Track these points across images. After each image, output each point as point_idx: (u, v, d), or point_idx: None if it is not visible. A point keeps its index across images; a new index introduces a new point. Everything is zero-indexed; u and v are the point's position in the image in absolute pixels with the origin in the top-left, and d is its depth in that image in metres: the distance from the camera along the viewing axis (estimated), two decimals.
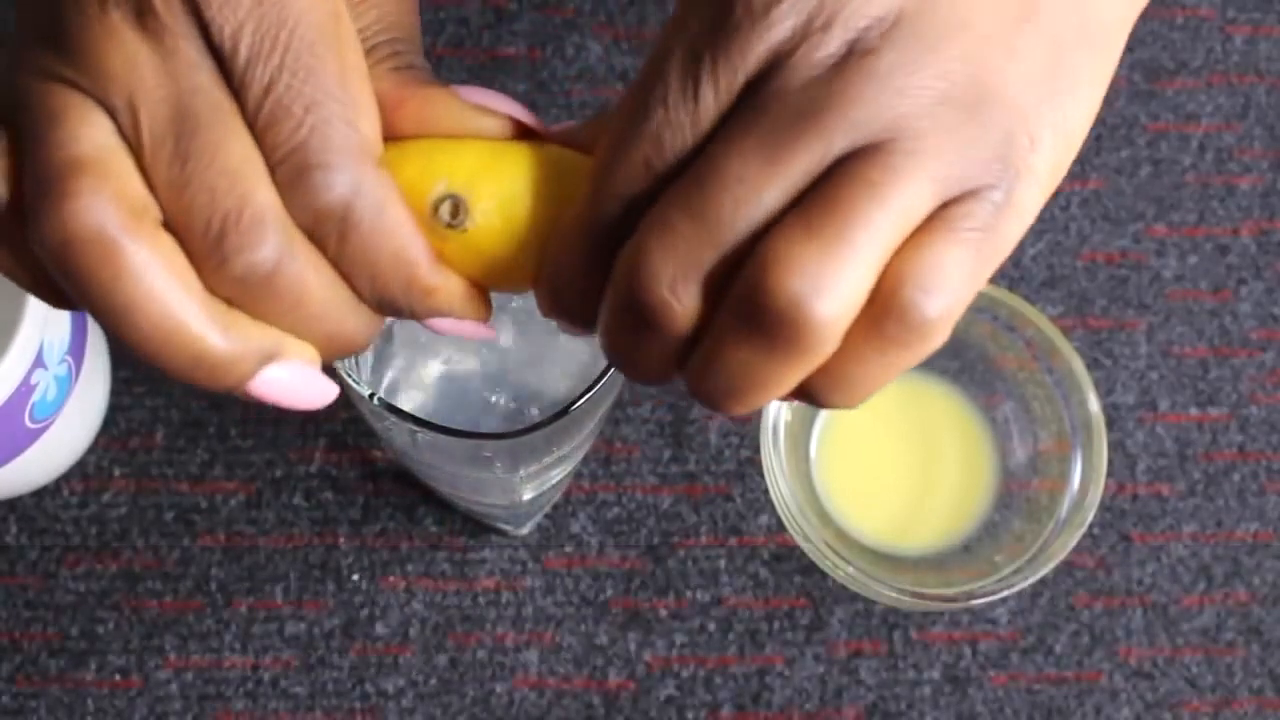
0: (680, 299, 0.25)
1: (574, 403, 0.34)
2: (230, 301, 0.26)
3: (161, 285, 0.25)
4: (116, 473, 0.52)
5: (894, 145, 0.24)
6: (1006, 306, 0.51)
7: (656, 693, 0.51)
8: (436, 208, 0.27)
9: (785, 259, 0.24)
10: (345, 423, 0.53)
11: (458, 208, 0.27)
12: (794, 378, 0.25)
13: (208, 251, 0.25)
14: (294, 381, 0.28)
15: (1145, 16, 0.59)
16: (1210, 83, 0.59)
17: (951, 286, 0.25)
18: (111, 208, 0.25)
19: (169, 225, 0.25)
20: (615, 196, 0.26)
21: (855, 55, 0.24)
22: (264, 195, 0.25)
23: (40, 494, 0.52)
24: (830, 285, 0.24)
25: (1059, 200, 0.57)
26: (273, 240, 0.25)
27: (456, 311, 0.28)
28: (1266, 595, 0.53)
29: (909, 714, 0.51)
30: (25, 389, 0.44)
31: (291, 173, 0.25)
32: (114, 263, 0.25)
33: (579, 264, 0.27)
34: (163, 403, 0.53)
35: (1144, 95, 0.58)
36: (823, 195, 0.24)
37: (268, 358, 0.27)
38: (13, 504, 0.52)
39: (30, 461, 0.48)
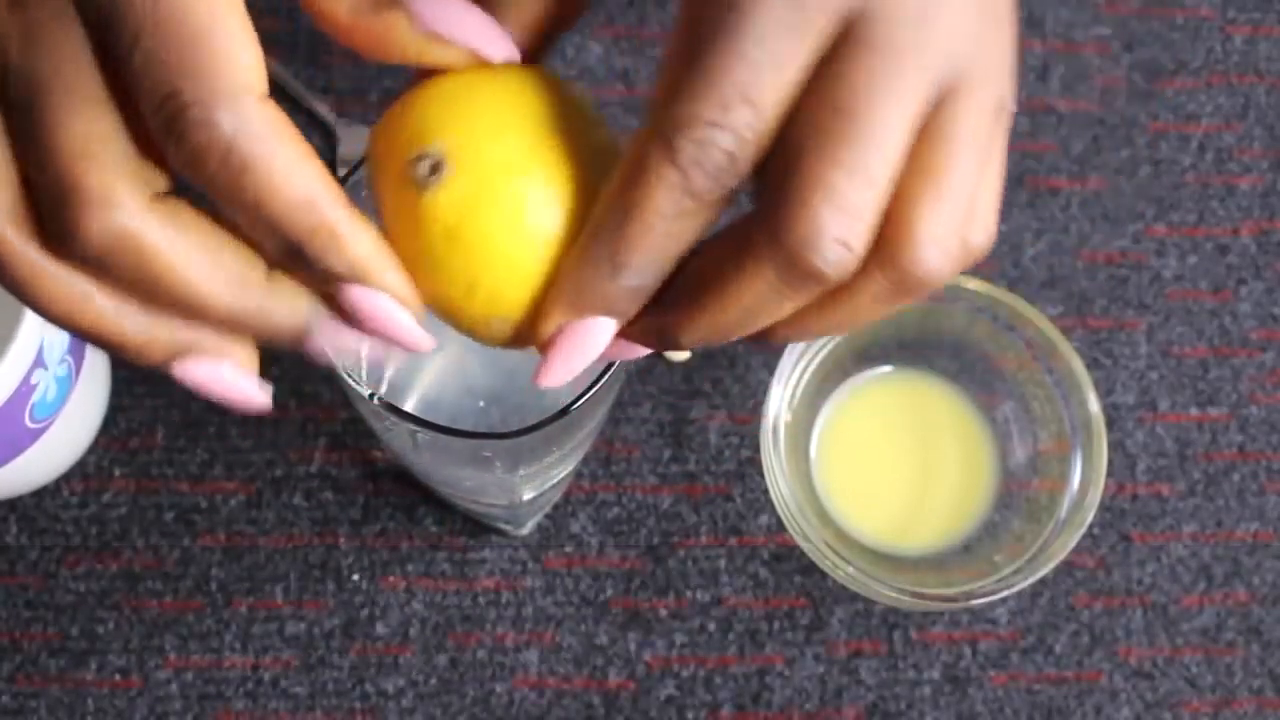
0: (854, 250, 0.25)
1: (574, 403, 0.34)
2: (97, 282, 0.25)
3: (61, 283, 0.25)
4: (116, 473, 0.52)
5: (969, 75, 0.25)
6: (1006, 306, 0.51)
7: (656, 693, 0.51)
8: (414, 177, 0.26)
9: (930, 235, 0.25)
10: (345, 423, 0.53)
11: (435, 164, 0.26)
12: (792, 306, 0.26)
13: (56, 234, 0.25)
14: (210, 381, 0.28)
15: (1145, 16, 0.59)
16: (1210, 83, 0.59)
17: (963, 223, 0.26)
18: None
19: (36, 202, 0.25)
20: (711, 187, 0.25)
21: None
22: (99, 173, 0.24)
23: (40, 494, 0.52)
24: (957, 248, 0.25)
25: (1059, 200, 0.57)
26: (101, 221, 0.24)
27: (373, 276, 0.26)
28: (1266, 595, 0.53)
29: (909, 714, 0.51)
30: (25, 389, 0.44)
31: (167, 121, 0.24)
32: (9, 273, 0.25)
33: (673, 236, 0.26)
34: (163, 403, 0.53)
35: (1144, 95, 0.58)
36: (938, 147, 0.25)
37: (176, 354, 0.27)
38: (13, 504, 0.52)
39: (30, 461, 0.48)
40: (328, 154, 0.56)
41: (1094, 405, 0.50)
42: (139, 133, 0.25)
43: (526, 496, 0.44)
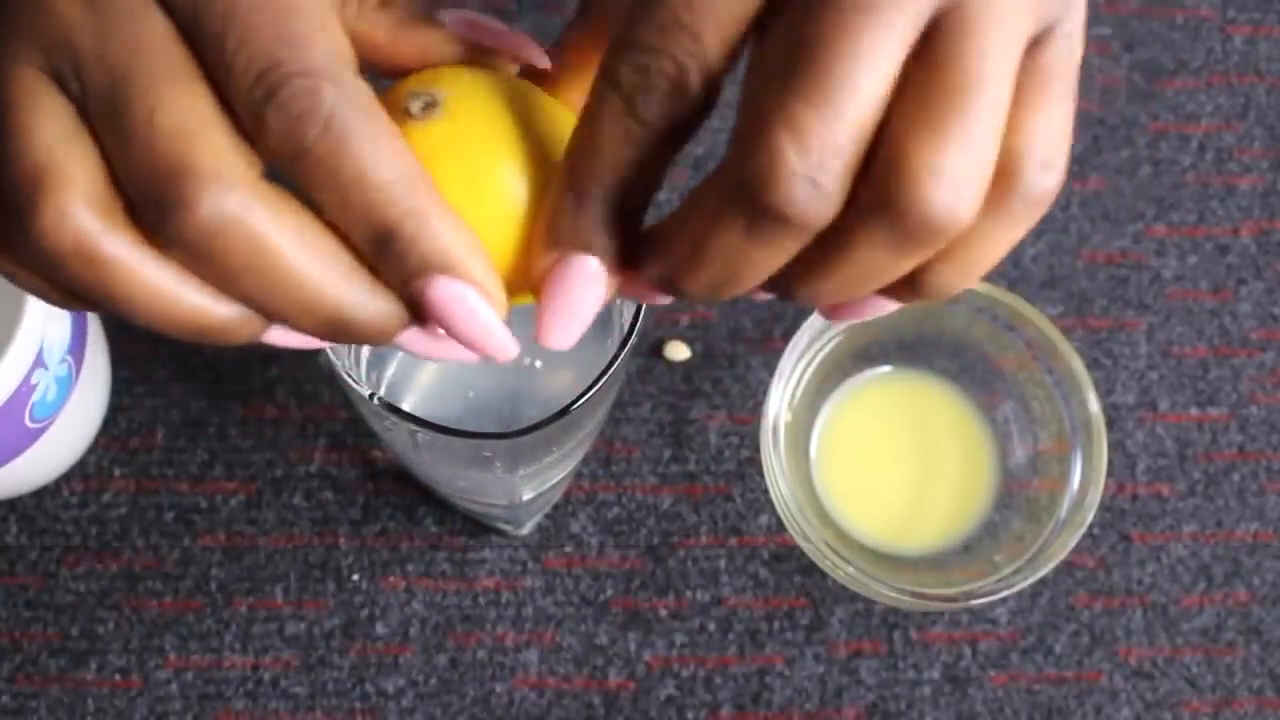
0: (823, 193, 0.23)
1: (574, 403, 0.34)
2: (190, 269, 0.24)
3: (152, 275, 0.24)
4: (116, 473, 0.52)
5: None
6: (1006, 306, 0.51)
7: (656, 693, 0.51)
8: (408, 108, 0.26)
9: (921, 165, 0.23)
10: (345, 423, 0.53)
11: (429, 103, 0.26)
12: (913, 265, 0.25)
13: (152, 218, 0.24)
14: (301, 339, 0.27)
15: (1145, 16, 0.59)
16: (1210, 83, 0.59)
17: (1064, 147, 0.24)
18: (81, 214, 0.23)
19: (125, 193, 0.24)
20: (667, 114, 0.24)
21: None
22: (207, 151, 0.23)
23: (40, 494, 0.52)
24: (969, 183, 0.23)
25: (1059, 200, 0.57)
26: (214, 199, 0.23)
27: (463, 267, 0.25)
28: (1266, 595, 0.53)
29: (909, 714, 0.51)
30: (25, 389, 0.44)
31: (267, 92, 0.23)
32: (98, 268, 0.24)
33: (628, 164, 0.25)
34: (163, 403, 0.53)
35: (1144, 95, 0.58)
36: (931, 72, 0.23)
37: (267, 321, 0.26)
38: (13, 504, 0.52)
39: (30, 461, 0.48)
40: None
41: (1094, 405, 0.50)
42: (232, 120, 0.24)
43: (526, 496, 0.44)
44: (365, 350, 0.42)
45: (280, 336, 0.27)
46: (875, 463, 0.53)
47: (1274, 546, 0.53)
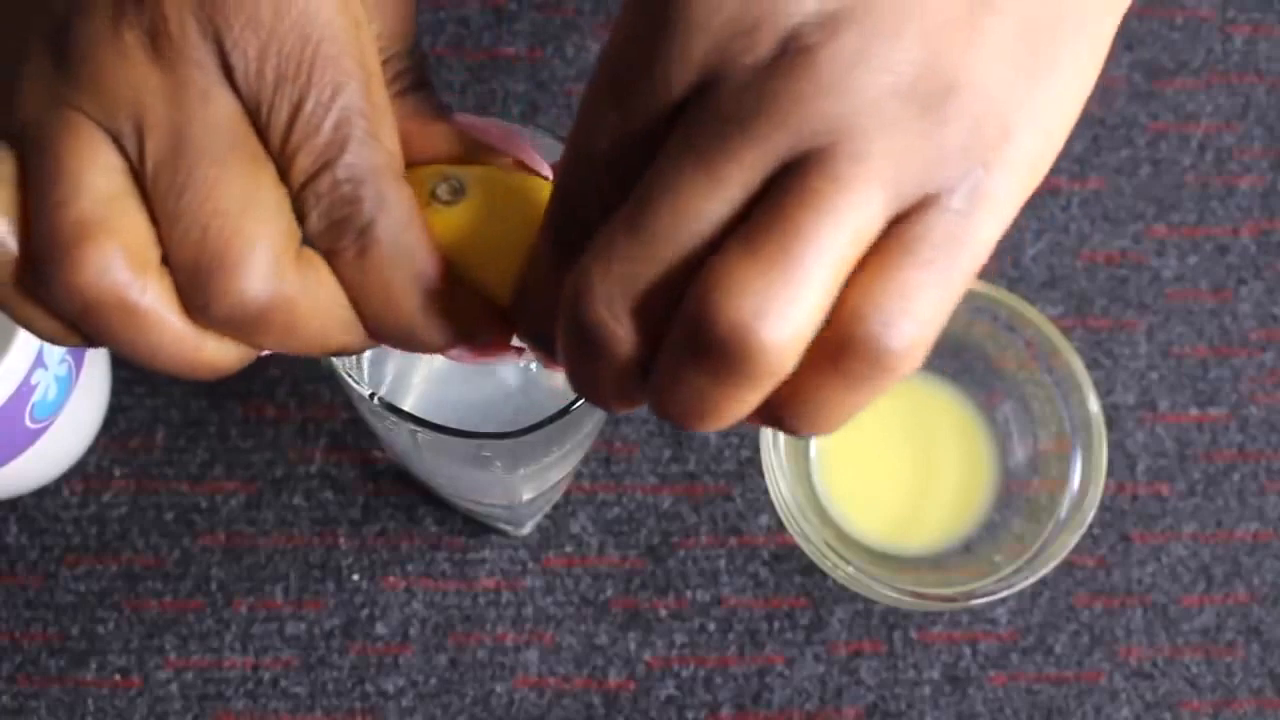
0: (620, 320, 0.23)
1: (574, 403, 0.34)
2: (219, 331, 0.26)
3: (179, 329, 0.25)
4: (117, 473, 0.52)
5: (838, 149, 0.22)
6: (1006, 306, 0.51)
7: (656, 693, 0.51)
8: (435, 190, 0.28)
9: (727, 282, 0.22)
10: (345, 423, 0.53)
11: (456, 188, 0.28)
12: (750, 403, 0.24)
13: (194, 290, 0.25)
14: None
15: (1145, 16, 0.59)
16: (1210, 83, 0.59)
17: (916, 313, 0.23)
18: (123, 270, 0.24)
19: (165, 257, 0.25)
20: (569, 216, 0.25)
21: (789, 54, 0.22)
22: (256, 236, 0.25)
23: (40, 494, 0.52)
24: (776, 309, 0.22)
25: (1059, 200, 0.57)
26: (259, 283, 0.25)
27: (477, 335, 0.28)
28: (1266, 595, 0.53)
29: (909, 714, 0.51)
30: (25, 389, 0.44)
31: (313, 197, 0.25)
32: (130, 320, 0.25)
33: (541, 284, 0.26)
34: (163, 403, 0.53)
35: (1144, 95, 0.58)
36: (766, 210, 0.22)
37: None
38: (13, 504, 0.52)
39: (30, 461, 0.48)
40: None
41: (1094, 405, 0.50)
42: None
43: (526, 496, 0.44)
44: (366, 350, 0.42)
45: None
46: (875, 463, 0.53)
47: (1274, 546, 0.53)
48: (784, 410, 0.24)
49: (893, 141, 0.22)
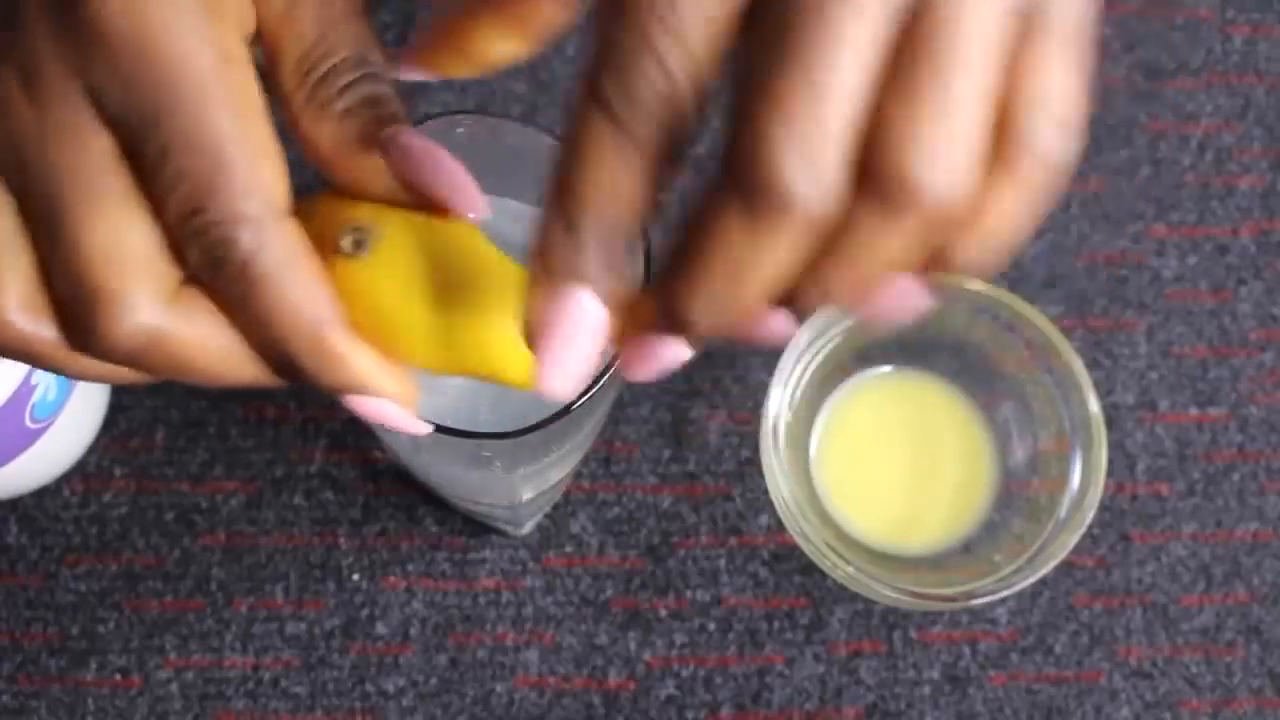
0: (821, 172, 0.22)
1: (574, 403, 0.34)
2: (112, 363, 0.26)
3: (85, 362, 0.26)
4: (117, 473, 0.52)
5: None
6: (1006, 306, 0.51)
7: (656, 693, 0.51)
8: (339, 241, 0.27)
9: (903, 138, 0.22)
10: (345, 423, 0.53)
11: (359, 240, 0.27)
12: (929, 246, 0.24)
13: (72, 330, 0.25)
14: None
15: (1145, 16, 0.59)
16: (1210, 83, 0.59)
17: (1070, 105, 0.24)
18: (13, 309, 0.25)
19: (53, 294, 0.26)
20: (670, 125, 0.24)
21: None
22: (128, 276, 0.25)
23: (41, 494, 0.52)
24: (957, 151, 0.22)
25: (1059, 200, 0.57)
26: (130, 323, 0.25)
27: (371, 386, 0.27)
28: (1266, 595, 0.53)
29: (909, 714, 0.51)
30: (25, 389, 0.44)
31: (190, 235, 0.25)
32: (35, 356, 0.26)
33: (620, 184, 0.24)
34: (163, 403, 0.53)
35: (1144, 95, 0.58)
36: (912, 45, 0.22)
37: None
38: (13, 504, 0.52)
39: (30, 461, 0.48)
40: None
41: (1094, 405, 0.50)
42: (161, 223, 0.26)
43: (526, 496, 0.44)
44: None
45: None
46: (875, 463, 0.53)
47: (1274, 546, 0.53)
48: (960, 240, 0.25)
49: None
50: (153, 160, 0.25)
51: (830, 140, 0.22)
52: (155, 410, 0.53)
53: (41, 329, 0.26)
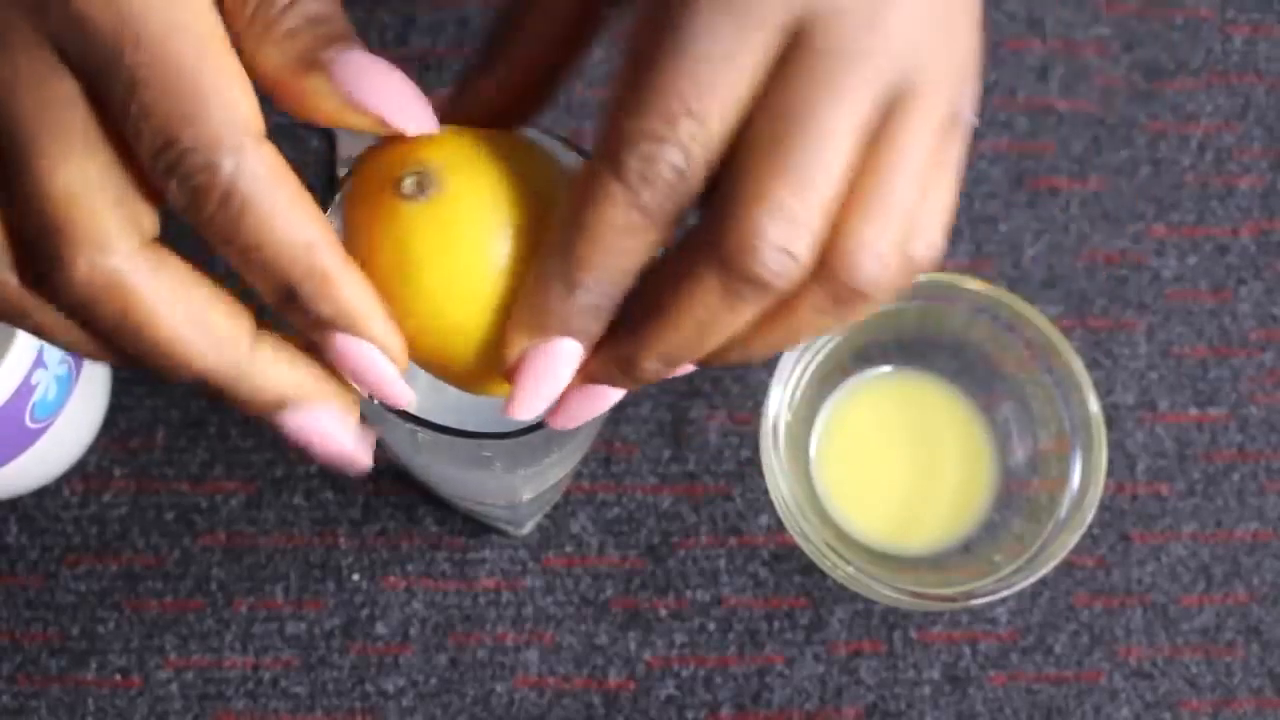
0: (800, 259, 0.25)
1: None
2: (82, 326, 0.26)
3: (52, 318, 0.26)
4: (117, 473, 0.52)
5: (919, 84, 0.25)
6: (1006, 306, 0.51)
7: (656, 693, 0.51)
8: (400, 184, 0.26)
9: (865, 246, 0.25)
10: None
11: (422, 182, 0.26)
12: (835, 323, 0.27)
13: (35, 273, 0.25)
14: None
15: (1145, 16, 0.59)
16: (1210, 83, 0.59)
17: (943, 225, 0.27)
18: None
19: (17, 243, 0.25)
20: (678, 205, 0.25)
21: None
22: (91, 216, 0.24)
23: (41, 494, 0.52)
24: (896, 261, 0.26)
25: (1059, 200, 0.57)
26: (92, 264, 0.24)
27: (360, 322, 0.26)
28: (1266, 595, 0.53)
29: (909, 714, 0.51)
30: (25, 389, 0.44)
31: (167, 167, 0.24)
32: (10, 314, 0.26)
33: (625, 253, 0.26)
34: (163, 403, 0.53)
35: (1144, 95, 0.58)
36: (884, 156, 0.25)
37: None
38: (13, 504, 0.52)
39: (30, 461, 0.48)
40: (327, 154, 0.56)
41: (1094, 405, 0.50)
42: (133, 170, 0.25)
43: (526, 497, 0.44)
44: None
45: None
46: (875, 463, 0.53)
47: (1274, 546, 0.53)
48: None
49: (941, 69, 0.26)
50: (121, 98, 0.24)
51: (812, 233, 0.25)
52: (155, 410, 0.53)
53: (9, 278, 0.25)
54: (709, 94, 0.24)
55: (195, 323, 0.26)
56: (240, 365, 0.26)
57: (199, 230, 0.25)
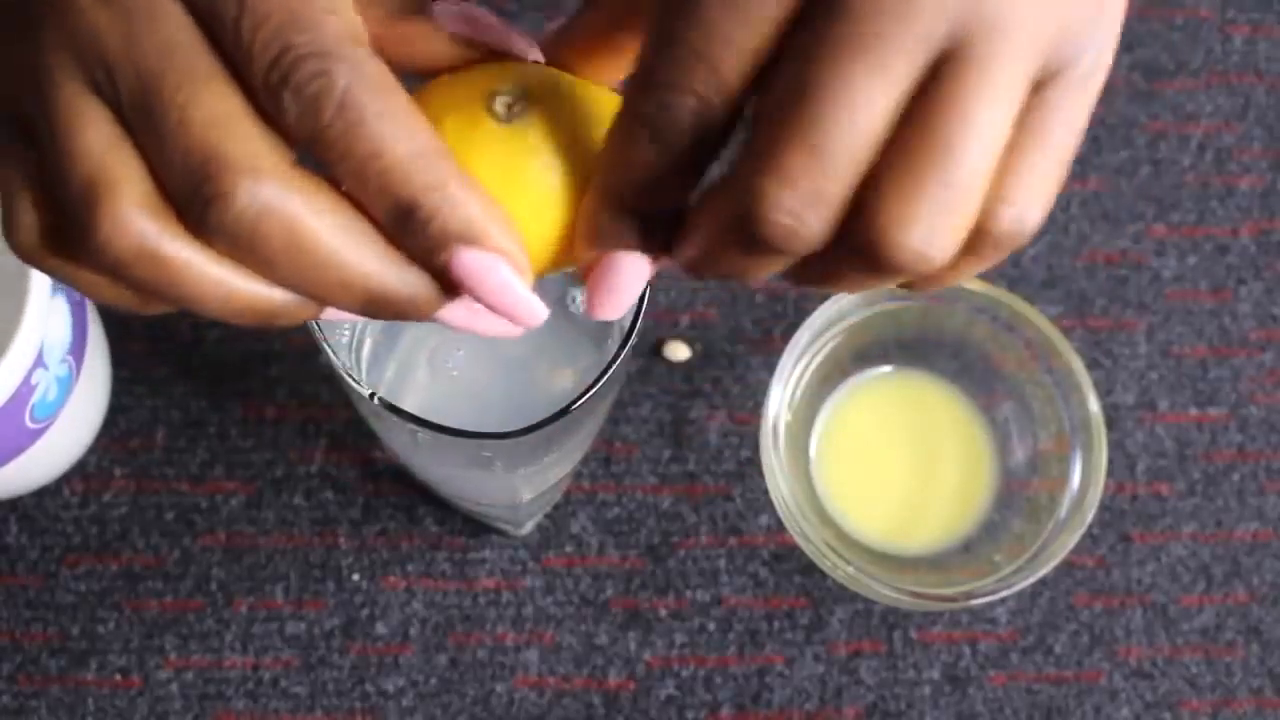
0: (810, 228, 0.24)
1: (574, 403, 0.34)
2: (235, 259, 0.25)
3: (210, 269, 0.25)
4: (117, 473, 0.52)
5: (974, 34, 0.23)
6: (1006, 306, 0.51)
7: (656, 693, 0.51)
8: (490, 104, 0.27)
9: (902, 216, 0.24)
10: (345, 423, 0.53)
11: (514, 104, 0.27)
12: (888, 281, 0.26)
13: (194, 212, 0.24)
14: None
15: (1145, 16, 0.59)
16: (1210, 83, 0.59)
17: (1048, 193, 0.25)
18: (136, 219, 0.24)
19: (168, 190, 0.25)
20: (698, 142, 0.25)
21: None
22: (239, 142, 0.24)
23: (41, 494, 0.52)
24: (944, 233, 0.24)
25: (1059, 200, 0.57)
26: (249, 190, 0.24)
27: (485, 232, 0.25)
28: (1266, 595, 0.53)
29: (909, 714, 0.51)
30: (25, 389, 0.44)
31: (282, 77, 0.24)
32: (160, 268, 0.24)
33: (673, 180, 0.26)
34: (163, 403, 0.53)
35: (1144, 95, 0.58)
36: (924, 116, 0.24)
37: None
38: (13, 504, 0.52)
39: (30, 461, 0.48)
40: None
41: (1094, 405, 0.50)
42: (253, 102, 0.25)
43: (526, 497, 0.44)
44: (365, 350, 0.42)
45: (335, 314, 0.27)
46: (875, 463, 0.53)
47: (1274, 546, 0.53)
48: (918, 286, 0.27)
49: (1026, 14, 0.24)
50: (233, 16, 0.24)
51: (825, 203, 0.24)
52: (155, 410, 0.53)
53: (166, 231, 0.24)
54: (720, 43, 0.24)
55: (355, 236, 0.25)
56: (403, 268, 0.26)
57: (313, 146, 0.25)
